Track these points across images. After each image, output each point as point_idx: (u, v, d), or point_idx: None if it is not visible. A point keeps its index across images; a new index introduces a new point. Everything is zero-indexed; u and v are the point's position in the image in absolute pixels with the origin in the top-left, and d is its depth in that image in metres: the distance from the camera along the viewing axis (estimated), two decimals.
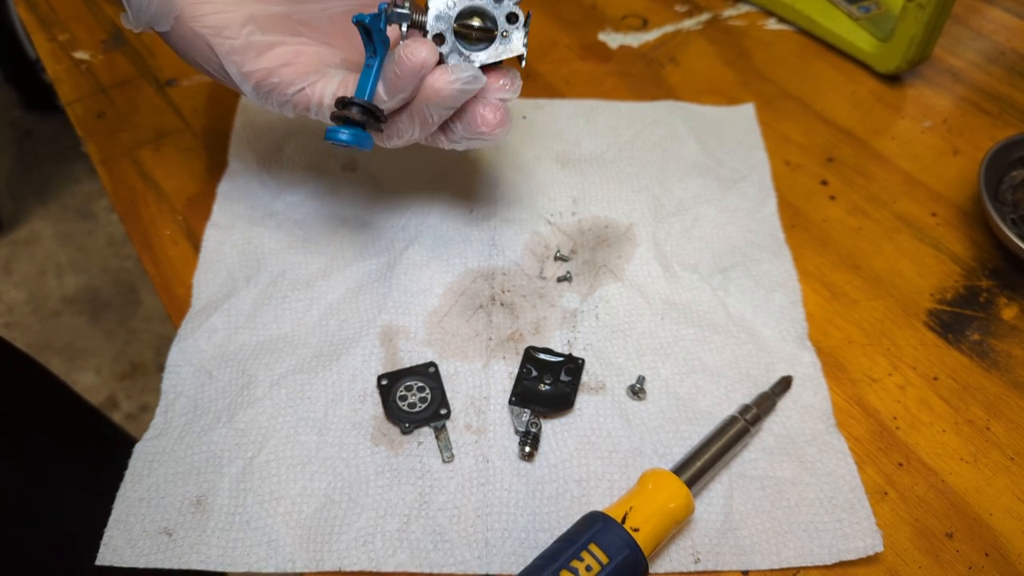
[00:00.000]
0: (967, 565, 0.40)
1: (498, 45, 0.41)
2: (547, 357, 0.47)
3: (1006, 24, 0.72)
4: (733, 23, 0.73)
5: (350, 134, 0.40)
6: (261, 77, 0.42)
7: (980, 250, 0.54)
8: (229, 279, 0.52)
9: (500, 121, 0.43)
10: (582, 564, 0.35)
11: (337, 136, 0.40)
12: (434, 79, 0.40)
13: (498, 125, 0.43)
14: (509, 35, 0.41)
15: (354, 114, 0.40)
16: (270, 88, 0.42)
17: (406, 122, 0.42)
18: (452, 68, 0.40)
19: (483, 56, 0.41)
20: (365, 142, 0.41)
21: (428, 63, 0.39)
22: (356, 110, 0.40)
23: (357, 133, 0.40)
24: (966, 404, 0.46)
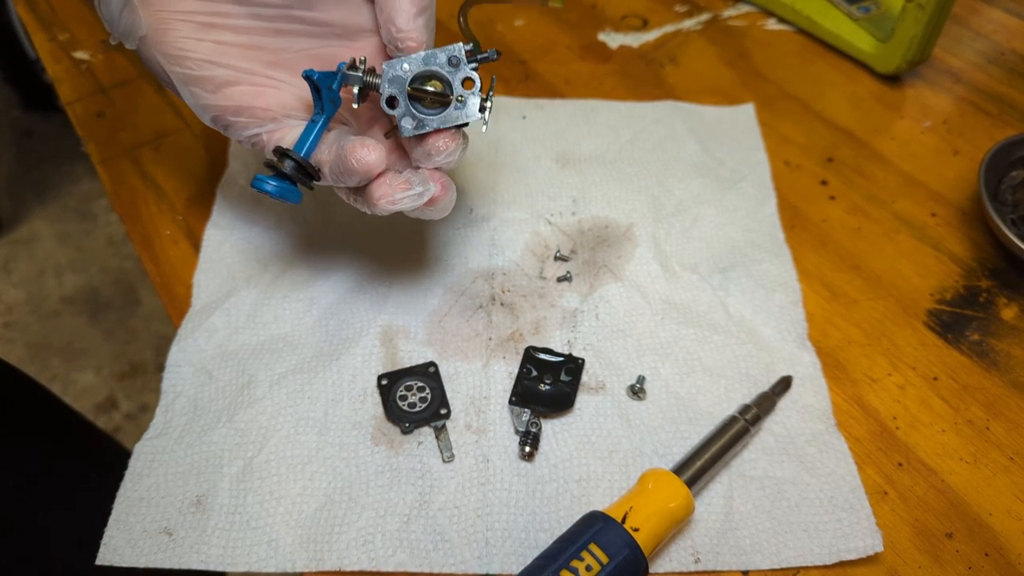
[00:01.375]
0: (967, 565, 0.40)
1: (453, 110, 0.39)
2: (547, 357, 0.47)
3: (1006, 24, 0.72)
4: (733, 23, 0.73)
5: (276, 187, 0.39)
6: (217, 113, 0.41)
7: (980, 250, 0.54)
8: (229, 279, 0.52)
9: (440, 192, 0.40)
10: (582, 564, 0.35)
11: (263, 187, 0.39)
12: (376, 189, 0.39)
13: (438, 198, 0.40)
14: (465, 100, 0.39)
15: (286, 168, 0.39)
16: (226, 124, 0.41)
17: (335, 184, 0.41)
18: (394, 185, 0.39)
19: (436, 121, 0.39)
20: (291, 196, 0.40)
21: (374, 170, 0.38)
22: (289, 164, 0.39)
23: (284, 188, 0.39)
24: (966, 404, 0.46)
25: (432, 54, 0.39)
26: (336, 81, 0.39)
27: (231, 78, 0.40)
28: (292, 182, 0.40)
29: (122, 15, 0.39)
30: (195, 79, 0.40)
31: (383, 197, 0.39)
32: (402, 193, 0.39)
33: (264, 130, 0.41)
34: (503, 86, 0.66)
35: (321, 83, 0.39)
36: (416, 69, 0.39)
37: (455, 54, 0.39)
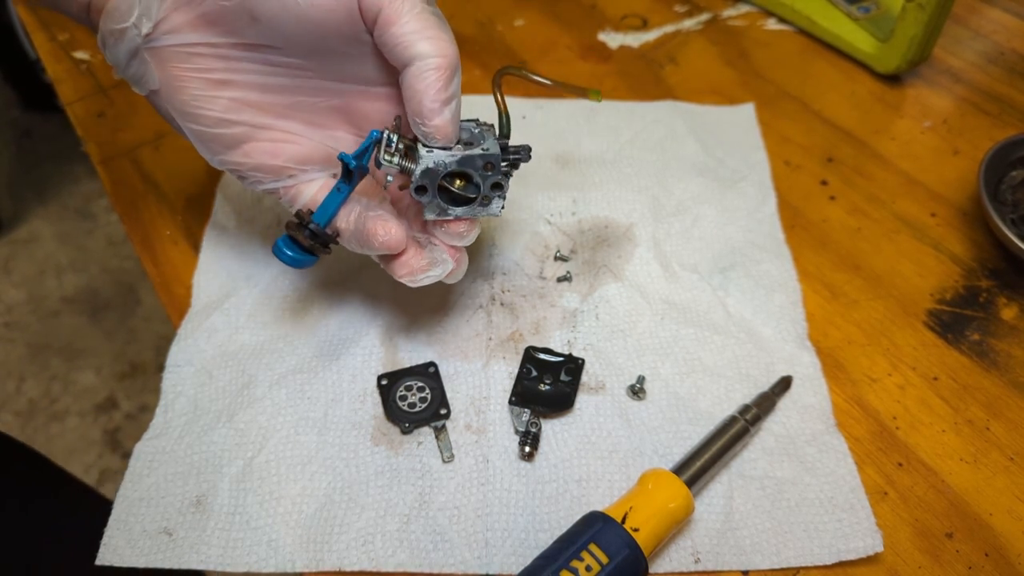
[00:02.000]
0: (967, 565, 0.40)
1: (477, 206, 0.40)
2: (547, 357, 0.47)
3: (1006, 24, 0.72)
4: (733, 23, 0.73)
5: (293, 258, 0.41)
6: (233, 168, 0.41)
7: (980, 250, 0.54)
8: (229, 279, 0.52)
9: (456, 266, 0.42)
10: (582, 564, 0.35)
11: (281, 255, 0.41)
12: (399, 268, 0.40)
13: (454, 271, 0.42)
14: (490, 200, 0.40)
15: (304, 239, 0.40)
16: (242, 177, 0.42)
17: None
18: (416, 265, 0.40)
19: (460, 211, 0.40)
20: (308, 264, 0.42)
21: (395, 249, 0.39)
22: (307, 236, 0.40)
23: (301, 258, 0.41)
24: (966, 404, 0.46)
25: (471, 157, 0.38)
26: (367, 157, 0.39)
27: (246, 135, 0.40)
28: (310, 252, 0.41)
29: (130, 64, 0.39)
30: (210, 137, 0.40)
31: (406, 276, 0.41)
32: (423, 275, 0.40)
33: (281, 185, 0.42)
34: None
35: (355, 169, 0.39)
36: (450, 168, 0.38)
37: (493, 160, 0.38)
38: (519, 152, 0.41)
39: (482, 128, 0.41)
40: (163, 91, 0.39)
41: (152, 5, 0.37)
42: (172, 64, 0.38)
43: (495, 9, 0.74)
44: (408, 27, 0.35)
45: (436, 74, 0.35)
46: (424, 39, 0.35)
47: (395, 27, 0.35)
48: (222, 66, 0.38)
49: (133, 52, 0.38)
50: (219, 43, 0.38)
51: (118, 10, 0.37)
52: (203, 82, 0.38)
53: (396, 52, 0.36)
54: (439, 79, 0.35)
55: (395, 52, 0.36)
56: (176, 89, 0.38)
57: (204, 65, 0.38)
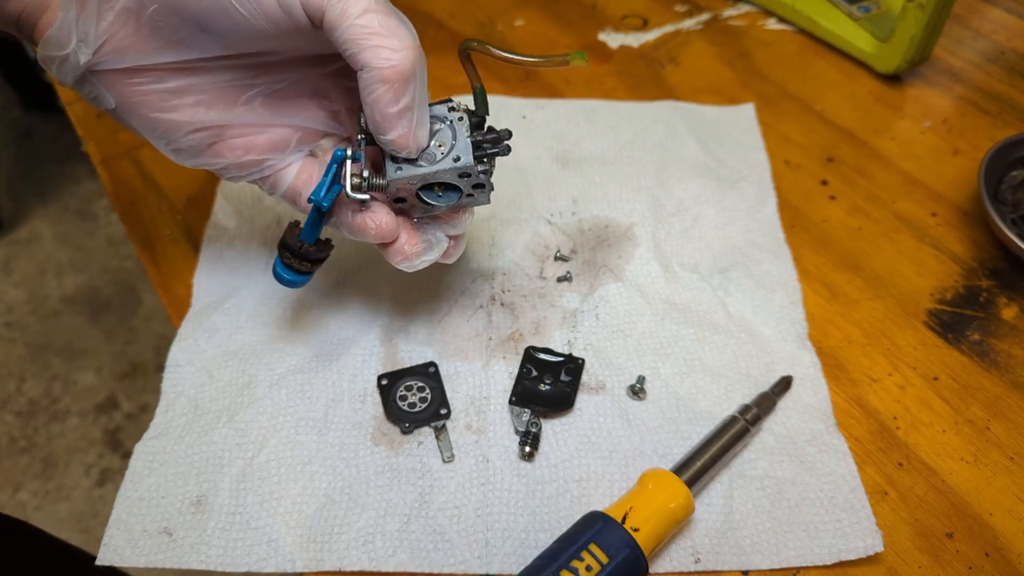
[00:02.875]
0: (967, 565, 0.40)
1: (463, 200, 0.39)
2: (547, 357, 0.47)
3: (1006, 24, 0.72)
4: (733, 23, 0.73)
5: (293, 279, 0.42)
6: (207, 169, 0.40)
7: (980, 250, 0.54)
8: (229, 278, 0.52)
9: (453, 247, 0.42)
10: (582, 564, 0.35)
11: (282, 279, 0.42)
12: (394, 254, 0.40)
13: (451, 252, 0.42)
14: (474, 195, 0.39)
15: (298, 263, 0.41)
16: (220, 175, 0.41)
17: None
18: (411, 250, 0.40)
19: (445, 206, 0.39)
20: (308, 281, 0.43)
21: (389, 237, 0.39)
22: (298, 260, 0.41)
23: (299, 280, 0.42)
24: (966, 404, 0.46)
25: (441, 173, 0.37)
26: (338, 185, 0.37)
27: (213, 136, 0.38)
28: (306, 273, 0.42)
29: (81, 87, 0.36)
30: (178, 146, 0.38)
31: (402, 262, 0.40)
32: (418, 259, 0.41)
33: (260, 175, 0.40)
34: (503, 86, 0.66)
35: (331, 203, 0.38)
36: (422, 181, 0.37)
37: (467, 171, 0.37)
38: (496, 145, 0.38)
39: (452, 117, 0.38)
40: (119, 109, 0.37)
41: (90, 30, 0.34)
42: (124, 82, 0.36)
43: (495, 9, 0.74)
44: (350, 33, 0.33)
45: (382, 88, 0.33)
46: (367, 48, 0.33)
47: (337, 32, 0.33)
48: (175, 76, 0.36)
49: (79, 77, 0.36)
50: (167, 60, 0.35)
51: (54, 38, 0.34)
52: (158, 95, 0.36)
53: (347, 57, 0.34)
54: (386, 92, 0.33)
55: (346, 56, 0.34)
56: (133, 106, 0.37)
57: (157, 77, 0.36)
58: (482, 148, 0.38)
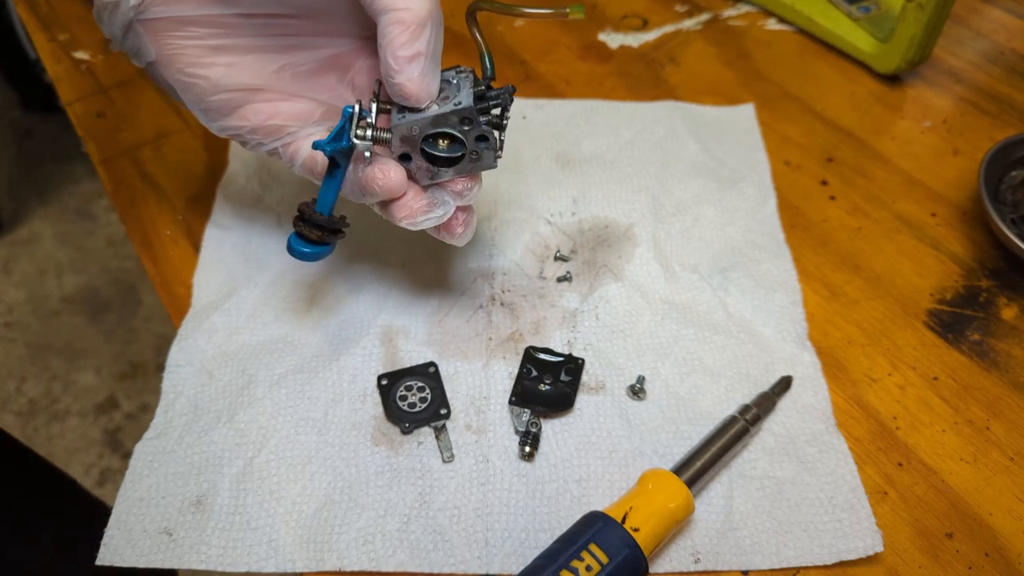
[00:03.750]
0: (967, 565, 0.40)
1: (467, 163, 0.39)
2: (547, 357, 0.47)
3: (1006, 24, 0.72)
4: (733, 23, 0.73)
5: (308, 254, 0.41)
6: (233, 133, 0.41)
7: (980, 250, 0.54)
8: (229, 279, 0.52)
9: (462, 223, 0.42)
10: (582, 564, 0.35)
11: (295, 253, 0.41)
12: (398, 210, 0.40)
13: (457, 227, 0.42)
14: (479, 154, 0.39)
15: (312, 233, 0.40)
16: (243, 141, 0.42)
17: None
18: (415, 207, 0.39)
19: (451, 173, 0.39)
20: (324, 255, 0.42)
21: (396, 192, 0.39)
22: (313, 230, 0.40)
23: (315, 252, 0.41)
24: (966, 404, 0.46)
25: (443, 116, 0.37)
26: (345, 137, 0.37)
27: (243, 99, 0.40)
28: (323, 244, 0.41)
29: (126, 37, 0.38)
30: (209, 105, 0.40)
31: (406, 218, 0.40)
32: (423, 216, 0.40)
33: (281, 143, 0.41)
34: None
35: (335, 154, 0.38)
36: (425, 131, 0.37)
37: (467, 114, 0.37)
38: (499, 96, 0.38)
39: (459, 77, 0.39)
40: (159, 62, 0.39)
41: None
42: (166, 34, 0.38)
43: None
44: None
45: (398, 28, 0.34)
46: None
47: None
48: (215, 33, 0.38)
49: (127, 25, 0.38)
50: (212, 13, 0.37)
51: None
52: (198, 50, 0.38)
53: (369, 5, 0.35)
54: (402, 33, 0.34)
55: (369, 5, 0.35)
56: (172, 58, 0.38)
57: (198, 33, 0.38)
58: (483, 99, 0.38)
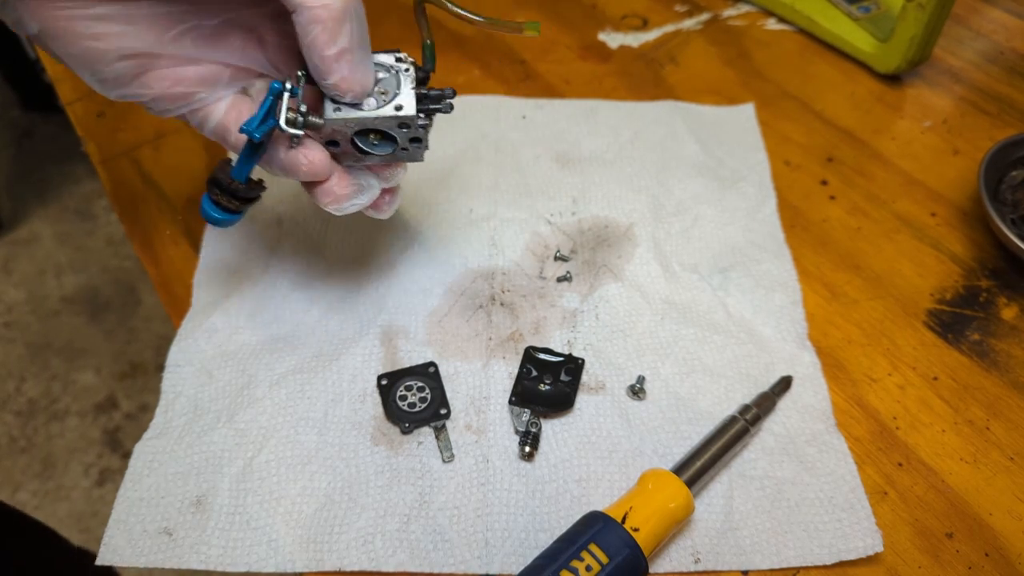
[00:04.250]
0: (967, 565, 0.40)
1: (396, 155, 0.39)
2: (547, 357, 0.47)
3: (1006, 24, 0.72)
4: (733, 23, 0.73)
5: (220, 219, 0.40)
6: (134, 100, 0.38)
7: (980, 250, 0.54)
8: (229, 278, 0.52)
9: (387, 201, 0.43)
10: (582, 564, 0.35)
11: (209, 217, 0.40)
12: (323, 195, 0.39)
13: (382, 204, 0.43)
14: (409, 151, 0.39)
15: (227, 201, 0.39)
16: (147, 107, 0.39)
17: None
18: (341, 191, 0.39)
19: (378, 159, 0.39)
20: (235, 222, 0.41)
21: (321, 176, 0.38)
22: (228, 198, 0.39)
23: (226, 219, 0.40)
24: (966, 404, 0.46)
25: (379, 119, 0.36)
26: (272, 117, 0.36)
27: (142, 66, 0.36)
28: (235, 212, 0.40)
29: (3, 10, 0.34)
30: (103, 75, 0.36)
31: (331, 204, 0.40)
32: (348, 202, 0.40)
33: (188, 108, 0.39)
34: (503, 86, 0.66)
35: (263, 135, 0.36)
36: (359, 126, 0.37)
37: (408, 121, 0.37)
38: (439, 102, 0.38)
39: (399, 69, 0.38)
40: (44, 34, 0.34)
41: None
42: (46, 6, 0.33)
43: (495, 9, 0.74)
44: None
45: (317, 28, 0.33)
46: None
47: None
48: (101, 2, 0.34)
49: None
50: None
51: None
52: (83, 22, 0.34)
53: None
54: (322, 32, 0.33)
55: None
56: (55, 32, 0.34)
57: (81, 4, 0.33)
58: (425, 102, 0.37)
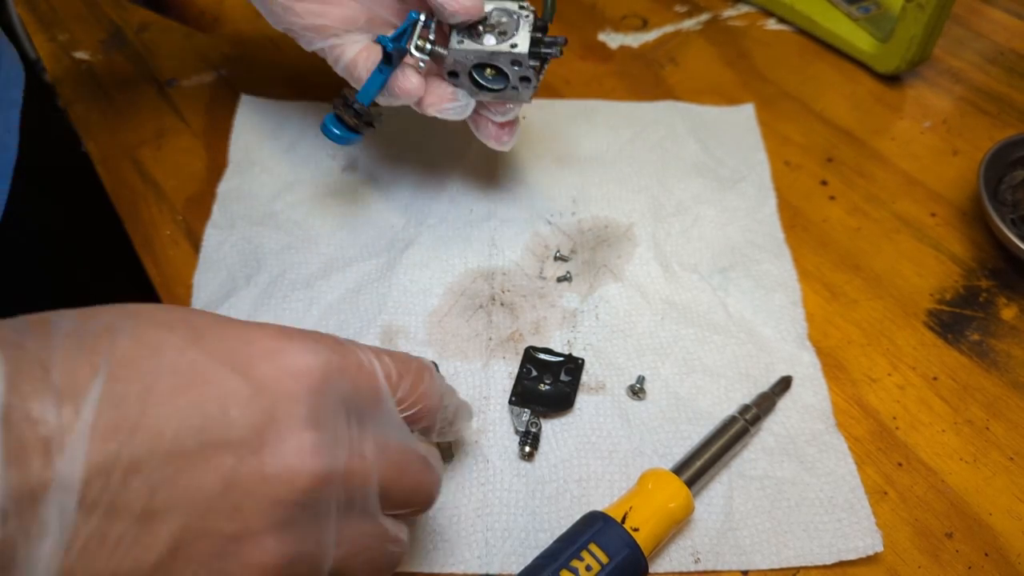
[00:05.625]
0: (967, 565, 0.40)
1: (507, 91, 0.44)
2: (547, 357, 0.47)
3: (1006, 24, 0.72)
4: (733, 23, 0.73)
5: (340, 136, 0.46)
6: (288, 27, 0.45)
7: (980, 250, 0.54)
8: (229, 279, 0.52)
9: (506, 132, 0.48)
10: (582, 564, 0.35)
11: (328, 133, 0.46)
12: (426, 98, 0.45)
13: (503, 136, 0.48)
14: (519, 90, 0.44)
15: (349, 117, 0.45)
16: (297, 36, 0.46)
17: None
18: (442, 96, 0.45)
19: (490, 96, 0.45)
20: (354, 140, 0.47)
21: (415, 95, 0.44)
22: (351, 115, 0.45)
23: (346, 136, 0.46)
24: (966, 404, 0.46)
25: (496, 54, 0.42)
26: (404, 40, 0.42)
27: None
28: (355, 130, 0.46)
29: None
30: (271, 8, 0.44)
31: (431, 106, 0.45)
32: (448, 103, 0.45)
33: (327, 45, 0.46)
34: None
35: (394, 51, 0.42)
36: (478, 59, 0.42)
37: (519, 59, 0.42)
38: (551, 47, 0.43)
39: (520, 15, 0.43)
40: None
41: None
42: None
43: None
44: None
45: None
46: None
47: None
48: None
49: None
50: None
51: None
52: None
53: None
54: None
55: None
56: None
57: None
58: (538, 45, 0.43)
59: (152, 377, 0.23)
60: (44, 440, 0.21)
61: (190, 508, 0.23)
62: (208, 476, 0.23)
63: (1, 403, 0.20)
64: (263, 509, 0.24)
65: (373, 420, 0.28)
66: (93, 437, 0.21)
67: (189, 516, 0.23)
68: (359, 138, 0.47)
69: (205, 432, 0.23)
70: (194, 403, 0.23)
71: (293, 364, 0.26)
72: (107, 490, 0.21)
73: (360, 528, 0.28)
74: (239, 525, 0.23)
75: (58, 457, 0.21)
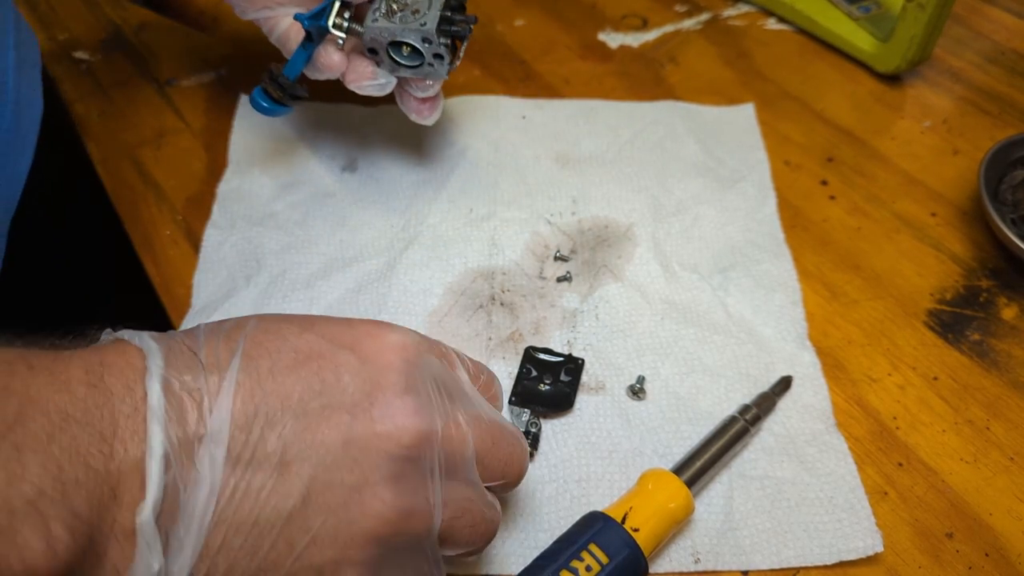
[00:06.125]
0: (967, 565, 0.40)
1: (424, 68, 0.47)
2: (547, 357, 0.47)
3: (1006, 24, 0.72)
4: (733, 23, 0.73)
5: (267, 108, 0.49)
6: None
7: (980, 250, 0.54)
8: (229, 279, 0.52)
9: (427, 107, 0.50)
10: (582, 564, 0.35)
11: (256, 105, 0.49)
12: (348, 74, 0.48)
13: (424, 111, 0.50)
14: (434, 66, 0.46)
15: (274, 90, 0.48)
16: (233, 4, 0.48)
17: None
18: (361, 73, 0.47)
19: (409, 73, 0.47)
20: (281, 112, 0.50)
21: (337, 70, 0.47)
22: (277, 88, 0.48)
23: (273, 108, 0.49)
24: (966, 404, 0.46)
25: (406, 31, 0.44)
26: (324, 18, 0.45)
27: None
28: (282, 103, 0.49)
29: None
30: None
31: (352, 82, 0.48)
32: (367, 81, 0.47)
33: (261, 16, 0.48)
34: (503, 86, 0.66)
35: (311, 28, 0.45)
36: (391, 37, 0.45)
37: (428, 36, 0.44)
38: (459, 25, 0.45)
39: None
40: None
41: None
42: None
43: (495, 9, 0.74)
44: None
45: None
46: None
47: None
48: None
49: None
50: None
51: None
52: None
53: None
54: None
55: None
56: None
57: None
58: (446, 24, 0.45)
59: (278, 354, 0.28)
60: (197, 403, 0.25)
61: (317, 460, 0.26)
62: (330, 432, 0.27)
63: (162, 375, 0.25)
64: (378, 463, 0.27)
65: (460, 398, 0.32)
66: (235, 399, 0.26)
67: (316, 468, 0.26)
68: (288, 110, 0.49)
69: (324, 395, 0.27)
70: (314, 372, 0.28)
71: (391, 341, 0.30)
72: (248, 444, 0.25)
73: (463, 492, 0.30)
74: (358, 476, 0.27)
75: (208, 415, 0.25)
